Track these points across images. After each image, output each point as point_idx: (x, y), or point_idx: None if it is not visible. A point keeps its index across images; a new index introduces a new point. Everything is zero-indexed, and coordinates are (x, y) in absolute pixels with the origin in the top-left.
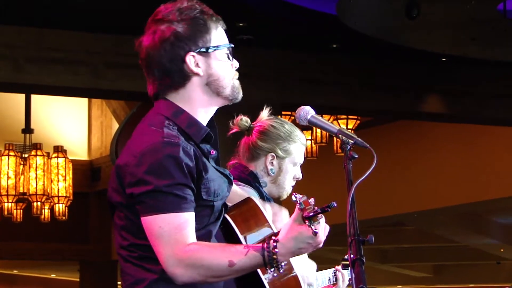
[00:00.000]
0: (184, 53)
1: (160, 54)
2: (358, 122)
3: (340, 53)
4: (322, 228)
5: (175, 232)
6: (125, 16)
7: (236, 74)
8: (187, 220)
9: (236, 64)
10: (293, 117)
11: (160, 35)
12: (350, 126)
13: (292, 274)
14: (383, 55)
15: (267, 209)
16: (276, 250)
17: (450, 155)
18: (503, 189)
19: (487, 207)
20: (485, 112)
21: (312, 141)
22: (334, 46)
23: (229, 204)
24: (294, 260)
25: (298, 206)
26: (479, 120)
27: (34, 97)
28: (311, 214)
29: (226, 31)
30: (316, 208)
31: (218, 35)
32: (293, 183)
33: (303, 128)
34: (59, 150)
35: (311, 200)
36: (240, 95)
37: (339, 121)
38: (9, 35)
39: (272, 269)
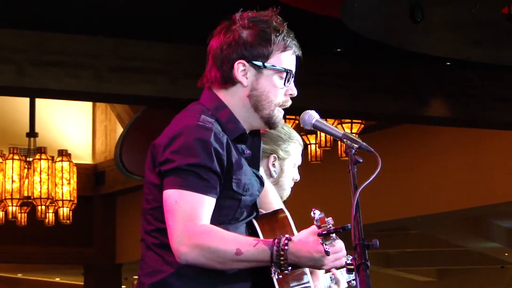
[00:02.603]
0: (236, 59)
1: (217, 51)
2: (363, 126)
3: (344, 57)
4: (338, 251)
5: (190, 210)
6: (129, 19)
7: (287, 102)
8: (205, 202)
9: (292, 91)
10: (297, 121)
11: (225, 35)
12: (354, 130)
13: None
14: (387, 59)
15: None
16: (286, 247)
17: (454, 159)
18: (507, 193)
19: (492, 211)
20: (489, 116)
21: (317, 145)
22: (338, 50)
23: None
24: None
25: (315, 223)
26: (483, 124)
27: (39, 101)
28: (324, 232)
29: (298, 57)
30: (330, 227)
31: (282, 57)
32: (292, 184)
33: (307, 132)
34: (64, 154)
35: (329, 219)
36: (276, 126)
37: (344, 125)
38: (12, 40)
39: (278, 270)
